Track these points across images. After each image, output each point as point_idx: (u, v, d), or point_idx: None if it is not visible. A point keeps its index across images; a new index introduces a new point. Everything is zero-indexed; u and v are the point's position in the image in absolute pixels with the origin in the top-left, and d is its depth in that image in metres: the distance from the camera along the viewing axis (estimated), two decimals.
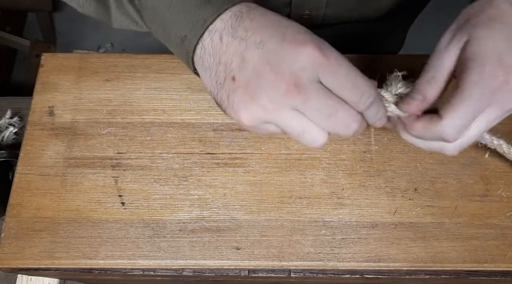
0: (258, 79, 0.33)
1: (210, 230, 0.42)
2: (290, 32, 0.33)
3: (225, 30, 0.35)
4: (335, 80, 0.33)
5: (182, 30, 0.37)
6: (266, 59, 0.33)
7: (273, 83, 0.32)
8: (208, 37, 0.35)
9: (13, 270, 0.41)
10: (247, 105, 0.34)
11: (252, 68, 0.33)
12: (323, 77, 0.33)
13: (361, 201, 0.43)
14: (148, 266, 0.41)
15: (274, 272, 0.41)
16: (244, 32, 0.34)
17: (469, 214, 0.42)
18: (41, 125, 0.46)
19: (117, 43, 1.74)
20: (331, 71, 0.33)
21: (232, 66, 0.34)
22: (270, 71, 0.33)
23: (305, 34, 0.33)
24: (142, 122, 0.46)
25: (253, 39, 0.33)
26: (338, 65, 0.33)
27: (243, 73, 0.33)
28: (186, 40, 0.36)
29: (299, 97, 0.32)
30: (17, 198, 0.43)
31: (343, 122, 0.34)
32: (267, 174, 0.44)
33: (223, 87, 0.35)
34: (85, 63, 0.49)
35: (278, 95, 0.33)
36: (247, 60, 0.33)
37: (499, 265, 0.41)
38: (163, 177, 0.44)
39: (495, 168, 0.44)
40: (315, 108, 0.33)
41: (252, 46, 0.33)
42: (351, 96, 0.33)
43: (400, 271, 0.41)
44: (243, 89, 0.34)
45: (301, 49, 0.32)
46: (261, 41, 0.33)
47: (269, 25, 0.34)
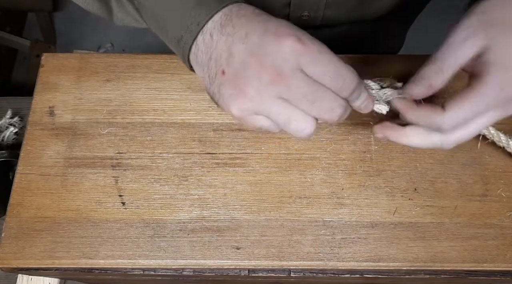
0: (245, 71, 0.35)
1: (210, 230, 0.42)
2: (272, 25, 0.35)
3: (215, 28, 0.37)
4: (316, 68, 0.34)
5: (178, 31, 0.38)
6: (251, 52, 0.35)
7: (258, 74, 0.34)
8: (201, 36, 0.37)
9: (14, 270, 0.41)
10: (236, 97, 0.35)
11: (239, 61, 0.35)
12: (304, 66, 0.34)
13: (361, 201, 0.43)
14: (148, 265, 0.41)
15: (274, 272, 0.41)
16: (232, 29, 0.36)
17: (468, 214, 0.42)
18: (41, 125, 0.46)
19: (117, 43, 1.75)
20: (312, 60, 0.34)
21: (221, 61, 0.36)
22: (255, 63, 0.34)
23: (286, 27, 0.35)
24: (142, 122, 0.46)
25: (239, 34, 0.35)
26: (319, 54, 0.34)
27: (231, 67, 0.35)
28: (182, 40, 0.38)
29: (283, 85, 0.34)
30: (17, 198, 0.43)
31: (327, 107, 0.35)
32: (267, 174, 0.44)
33: (214, 81, 0.37)
34: (85, 63, 0.49)
35: (263, 85, 0.34)
36: (234, 54, 0.35)
37: (499, 265, 0.41)
38: (163, 177, 0.44)
39: (494, 168, 0.44)
40: (299, 95, 0.35)
41: (238, 41, 0.35)
42: (332, 82, 0.35)
43: (400, 271, 0.41)
44: (231, 81, 0.35)
45: (282, 40, 0.34)
46: (246, 35, 0.35)
47: (254, 20, 0.36)
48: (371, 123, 0.46)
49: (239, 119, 0.36)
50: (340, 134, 0.45)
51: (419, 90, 0.38)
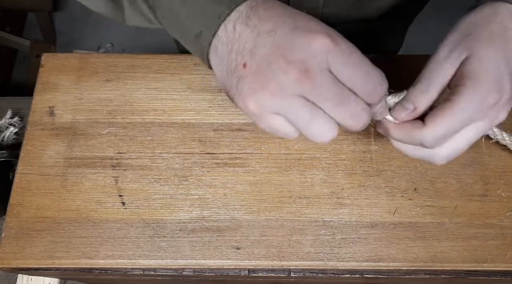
0: (269, 65, 0.32)
1: (210, 230, 0.42)
2: (302, 20, 0.34)
3: (239, 19, 0.34)
4: (346, 69, 0.32)
5: (197, 27, 0.36)
6: (277, 46, 0.33)
7: (283, 70, 0.32)
8: (223, 27, 0.35)
9: (14, 270, 0.41)
10: (256, 91, 0.33)
11: (263, 55, 0.33)
12: (333, 65, 0.32)
13: (360, 201, 0.43)
14: (148, 265, 0.41)
15: (274, 272, 0.41)
16: (258, 21, 0.34)
17: (468, 214, 0.42)
18: (41, 125, 0.46)
19: (117, 43, 1.74)
20: (342, 59, 0.32)
21: (244, 53, 0.34)
22: (281, 58, 0.32)
23: (316, 23, 0.34)
24: (142, 122, 0.46)
25: (265, 27, 0.33)
26: (350, 55, 0.32)
27: (254, 60, 0.33)
28: (201, 36, 0.36)
29: (309, 84, 0.32)
30: (17, 198, 0.43)
31: (353, 112, 0.33)
32: (267, 174, 0.44)
33: (233, 74, 0.34)
34: (85, 63, 0.49)
35: (287, 81, 0.32)
36: (259, 47, 0.33)
37: (499, 265, 0.41)
38: (163, 177, 0.44)
39: (494, 168, 0.44)
40: (325, 96, 0.32)
41: (264, 34, 0.33)
42: (362, 86, 0.33)
43: (400, 271, 0.41)
44: (253, 75, 0.33)
45: (312, 36, 0.32)
46: (273, 29, 0.33)
47: (282, 13, 0.34)
48: (371, 123, 0.46)
49: (255, 115, 0.34)
50: (340, 134, 0.45)
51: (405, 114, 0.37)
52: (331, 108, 0.33)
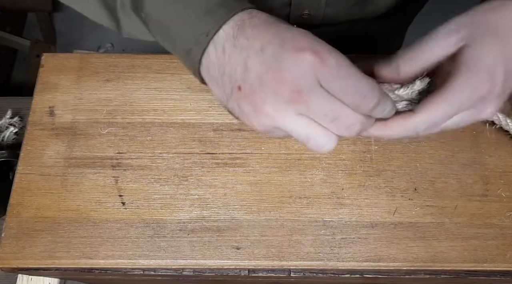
0: (261, 87, 0.33)
1: (210, 230, 0.42)
2: (289, 37, 0.33)
3: (227, 41, 0.35)
4: (335, 84, 0.33)
5: (186, 43, 0.37)
6: (267, 67, 0.33)
7: (275, 91, 0.33)
8: (212, 48, 0.36)
9: (14, 270, 0.41)
10: (255, 113, 0.34)
11: (255, 76, 0.33)
12: (323, 82, 0.33)
13: (360, 201, 0.43)
14: (148, 265, 0.41)
15: (274, 272, 0.41)
16: (246, 40, 0.34)
17: (468, 214, 0.42)
18: (41, 125, 0.46)
19: (117, 43, 1.75)
20: (330, 75, 0.32)
21: (236, 76, 0.34)
22: (272, 79, 0.33)
23: (304, 39, 0.33)
24: (142, 122, 0.46)
25: (254, 47, 0.33)
26: (338, 68, 0.32)
27: (247, 82, 0.34)
28: (191, 53, 0.37)
29: (302, 103, 0.33)
30: (17, 198, 0.43)
31: (347, 124, 0.34)
32: (267, 174, 0.44)
33: (231, 97, 0.35)
34: (85, 63, 0.49)
35: (281, 102, 0.33)
36: (250, 68, 0.33)
37: (499, 265, 0.41)
38: (163, 177, 0.44)
39: (494, 168, 0.44)
40: (319, 113, 0.33)
41: (253, 54, 0.33)
42: (352, 100, 0.33)
43: (400, 271, 0.41)
44: (249, 98, 0.34)
45: (299, 55, 0.32)
46: (262, 48, 0.33)
47: (269, 30, 0.34)
48: None
49: (263, 132, 0.35)
50: None
51: (387, 72, 0.37)
52: (326, 123, 0.34)
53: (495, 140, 0.45)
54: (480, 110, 0.35)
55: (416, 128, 0.36)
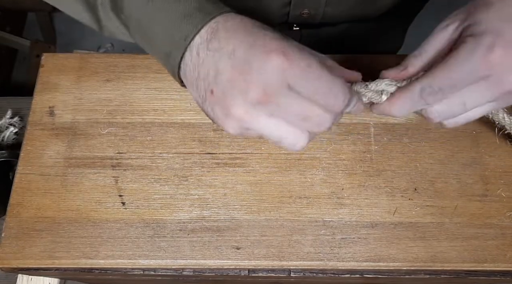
0: (232, 90, 0.33)
1: (210, 230, 0.42)
2: (259, 38, 0.33)
3: (201, 44, 0.35)
4: (304, 86, 0.33)
5: (166, 47, 0.37)
6: (237, 69, 0.33)
7: (244, 93, 0.33)
8: (188, 52, 0.36)
9: (14, 270, 0.41)
10: (227, 117, 0.34)
11: (226, 79, 0.33)
12: (292, 83, 0.33)
13: (361, 201, 0.43)
14: (148, 265, 0.41)
15: (274, 272, 0.41)
16: (218, 43, 0.34)
17: (468, 214, 0.42)
18: (41, 125, 0.46)
19: (117, 43, 1.75)
20: (300, 77, 0.32)
21: (209, 79, 0.34)
22: (242, 81, 0.33)
23: (274, 40, 0.33)
24: (142, 122, 0.46)
25: (225, 50, 0.34)
26: (307, 70, 0.32)
27: (219, 85, 0.34)
28: (171, 56, 0.37)
29: (271, 104, 0.33)
30: (17, 198, 0.43)
31: (318, 122, 0.34)
32: (267, 174, 0.44)
33: (205, 100, 0.35)
34: (85, 63, 0.49)
35: (250, 104, 0.33)
36: (221, 71, 0.33)
37: (499, 265, 0.41)
38: (163, 177, 0.44)
39: (494, 168, 0.44)
40: (289, 114, 0.34)
41: (224, 56, 0.33)
42: (323, 100, 0.33)
43: (400, 271, 0.41)
44: (220, 101, 0.34)
45: (268, 56, 0.32)
46: (233, 51, 0.33)
47: (241, 32, 0.34)
48: (371, 123, 0.46)
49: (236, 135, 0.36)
50: (340, 134, 0.45)
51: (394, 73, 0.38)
52: (297, 123, 0.34)
53: (495, 140, 0.45)
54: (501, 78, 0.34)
55: (422, 87, 0.35)
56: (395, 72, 0.38)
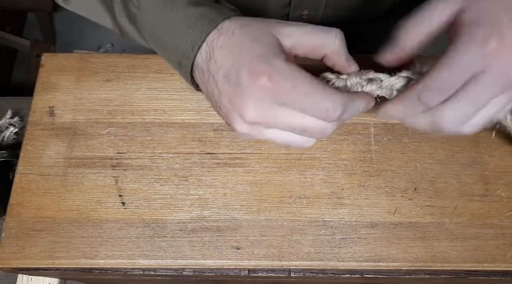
0: (233, 110, 0.36)
1: (210, 229, 0.42)
2: (246, 61, 0.35)
3: (204, 63, 0.37)
4: (295, 104, 0.34)
5: (177, 56, 0.39)
6: (232, 92, 0.35)
7: (242, 115, 0.35)
8: (195, 69, 0.39)
9: (14, 269, 0.41)
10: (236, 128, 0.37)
11: (227, 101, 0.36)
12: (282, 102, 0.34)
13: (361, 201, 0.43)
14: (148, 265, 0.41)
15: (274, 272, 0.41)
16: (215, 65, 0.36)
17: (468, 214, 0.42)
18: (41, 125, 0.46)
19: (117, 43, 1.75)
20: (288, 97, 0.34)
21: (215, 98, 0.37)
22: (238, 103, 0.35)
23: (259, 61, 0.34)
24: (142, 122, 0.46)
25: (221, 73, 0.36)
26: (292, 88, 0.33)
27: (223, 104, 0.36)
28: (182, 66, 0.39)
29: (269, 122, 0.35)
30: (17, 198, 0.43)
31: (317, 132, 0.36)
32: (267, 174, 0.44)
33: (218, 111, 0.38)
34: (85, 63, 0.49)
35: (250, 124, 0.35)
36: (221, 92, 0.36)
37: (499, 265, 0.41)
38: (163, 177, 0.44)
39: (494, 168, 0.44)
40: (286, 128, 0.35)
41: (220, 80, 0.36)
42: (316, 114, 0.34)
43: (400, 271, 0.41)
44: (227, 117, 0.37)
45: (255, 81, 0.34)
46: (227, 75, 0.35)
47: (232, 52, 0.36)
48: (371, 123, 0.46)
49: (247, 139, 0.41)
50: (340, 134, 0.45)
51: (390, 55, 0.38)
52: (298, 133, 0.36)
53: (495, 140, 0.45)
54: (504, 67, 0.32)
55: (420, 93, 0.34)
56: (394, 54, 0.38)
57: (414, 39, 0.36)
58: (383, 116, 0.39)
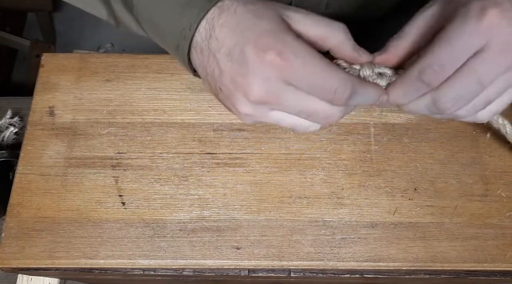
0: (236, 90, 0.34)
1: (210, 230, 0.42)
2: (252, 37, 0.33)
3: (203, 42, 0.35)
4: (302, 82, 0.32)
5: (174, 39, 0.37)
6: (236, 71, 0.33)
7: (246, 94, 0.33)
8: (193, 50, 0.36)
9: (14, 270, 0.41)
10: (237, 112, 0.35)
11: (229, 81, 0.34)
12: (289, 80, 0.32)
13: (361, 201, 0.43)
14: (148, 265, 0.41)
15: (274, 272, 0.41)
16: (216, 43, 0.34)
17: (468, 214, 0.42)
18: (41, 125, 0.46)
19: (117, 43, 1.75)
20: (296, 76, 0.32)
21: (215, 78, 0.35)
22: (242, 82, 0.33)
23: (267, 37, 0.32)
24: (142, 122, 0.46)
25: (223, 51, 0.34)
26: (303, 68, 0.32)
27: (225, 85, 0.34)
28: (179, 48, 0.37)
29: (274, 102, 0.33)
30: (17, 198, 0.43)
31: (323, 116, 0.34)
32: (267, 174, 0.44)
33: (218, 95, 0.37)
34: (85, 63, 0.49)
35: (254, 103, 0.34)
36: (223, 71, 0.34)
37: (499, 265, 0.41)
38: (163, 177, 0.44)
39: (494, 168, 0.44)
40: (292, 110, 0.34)
41: (223, 58, 0.34)
42: (322, 95, 0.33)
43: (400, 271, 0.41)
44: (229, 99, 0.35)
45: (262, 57, 0.32)
46: (229, 52, 0.33)
47: (235, 29, 0.34)
48: (371, 123, 0.46)
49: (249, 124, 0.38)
50: (340, 134, 0.45)
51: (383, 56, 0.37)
52: (304, 117, 0.35)
53: (495, 140, 0.45)
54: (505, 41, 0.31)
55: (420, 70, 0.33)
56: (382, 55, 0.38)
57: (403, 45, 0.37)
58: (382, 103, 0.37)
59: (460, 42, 0.31)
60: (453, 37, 0.31)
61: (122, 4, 0.42)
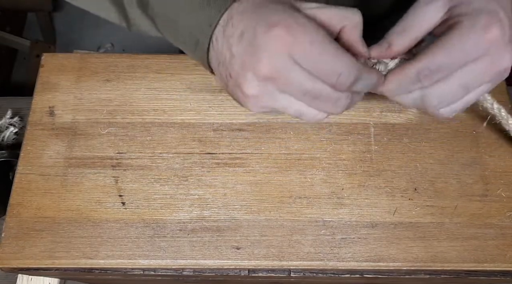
0: (243, 70, 0.33)
1: (210, 230, 0.42)
2: (264, 15, 0.33)
3: (220, 31, 0.35)
4: (308, 61, 0.32)
5: (194, 35, 0.37)
6: (246, 50, 0.33)
7: (254, 73, 0.33)
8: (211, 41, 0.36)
9: (14, 270, 0.41)
10: (245, 97, 0.35)
11: (239, 63, 0.34)
12: (296, 57, 0.32)
13: (361, 201, 0.43)
14: (148, 265, 0.41)
15: (274, 272, 0.41)
16: (231, 29, 0.34)
17: (468, 214, 0.42)
18: (41, 125, 0.46)
19: (117, 43, 1.75)
20: (303, 53, 0.32)
21: (226, 64, 0.35)
22: (250, 60, 0.33)
23: (277, 14, 0.32)
24: (142, 122, 0.46)
25: (236, 34, 0.34)
26: (310, 45, 0.32)
27: (234, 69, 0.34)
28: (199, 44, 0.37)
29: (281, 81, 0.33)
30: (17, 198, 0.43)
31: (329, 102, 0.34)
32: (267, 174, 0.44)
33: (227, 85, 0.36)
34: (85, 63, 0.49)
35: (262, 82, 0.33)
36: (235, 55, 0.34)
37: (499, 265, 0.41)
38: (163, 177, 0.44)
39: (494, 168, 0.44)
40: (298, 91, 0.33)
41: (236, 41, 0.34)
42: (327, 78, 0.33)
43: (400, 271, 0.41)
44: (237, 83, 0.34)
45: (271, 31, 0.32)
46: (242, 33, 0.33)
47: (252, 14, 0.34)
48: (371, 123, 0.46)
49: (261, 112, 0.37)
50: (340, 134, 0.45)
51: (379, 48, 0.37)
52: (308, 101, 0.34)
53: (495, 140, 0.45)
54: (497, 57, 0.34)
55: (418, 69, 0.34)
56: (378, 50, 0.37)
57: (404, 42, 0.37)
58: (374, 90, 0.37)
59: (462, 51, 0.33)
60: (456, 45, 0.33)
61: (136, 5, 0.42)
